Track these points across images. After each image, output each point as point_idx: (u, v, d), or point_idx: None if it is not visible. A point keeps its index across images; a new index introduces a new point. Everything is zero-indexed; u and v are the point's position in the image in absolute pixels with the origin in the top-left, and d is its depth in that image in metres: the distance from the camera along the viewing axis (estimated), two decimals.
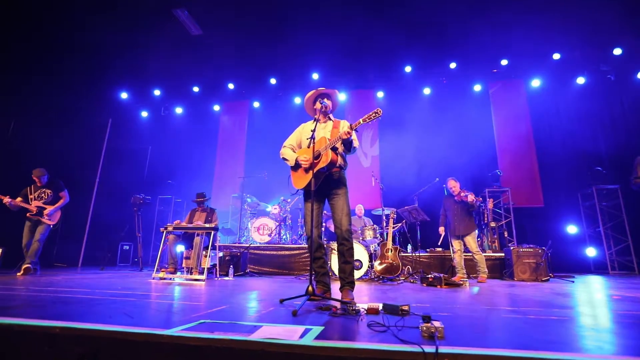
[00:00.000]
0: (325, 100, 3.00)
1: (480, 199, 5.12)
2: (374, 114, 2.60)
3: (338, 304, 2.30)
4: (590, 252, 7.58)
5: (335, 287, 2.99)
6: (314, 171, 2.66)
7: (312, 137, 2.60)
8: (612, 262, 7.32)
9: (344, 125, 2.95)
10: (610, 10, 7.28)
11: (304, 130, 3.18)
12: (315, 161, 2.65)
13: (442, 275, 3.91)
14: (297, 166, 3.00)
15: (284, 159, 3.13)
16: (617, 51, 8.22)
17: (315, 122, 2.78)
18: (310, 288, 2.25)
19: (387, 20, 8.03)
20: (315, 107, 3.10)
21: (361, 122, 2.66)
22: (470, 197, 4.96)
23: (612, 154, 7.94)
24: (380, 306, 2.07)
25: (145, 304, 2.28)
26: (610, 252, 7.40)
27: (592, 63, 8.52)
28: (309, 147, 2.65)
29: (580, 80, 8.60)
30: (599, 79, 8.52)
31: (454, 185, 5.32)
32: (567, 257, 7.40)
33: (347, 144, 2.80)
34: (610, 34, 7.96)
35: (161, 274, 4.37)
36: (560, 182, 8.15)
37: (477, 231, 5.12)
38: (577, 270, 7.17)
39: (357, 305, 2.08)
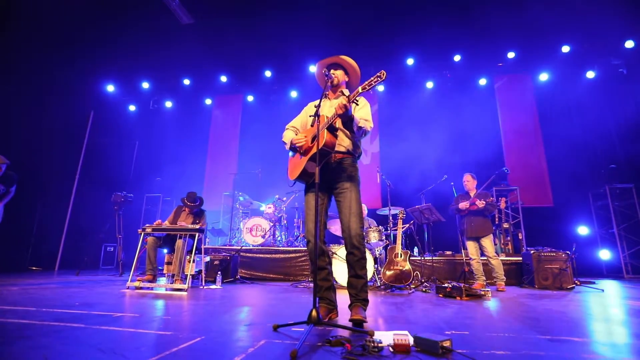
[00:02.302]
0: (332, 71, 2.42)
1: (492, 199, 4.56)
2: (376, 78, 2.06)
3: (350, 335, 1.74)
4: (604, 254, 7.16)
5: (341, 298, 2.45)
6: (314, 156, 2.10)
7: (317, 115, 2.02)
8: (626, 266, 6.90)
9: (358, 102, 2.39)
10: (622, 1, 6.90)
11: (308, 110, 2.61)
12: (311, 144, 2.06)
13: (462, 284, 3.38)
14: (294, 151, 2.44)
15: (283, 142, 2.55)
16: (630, 44, 7.82)
17: (320, 98, 2.19)
18: (314, 313, 1.68)
19: (387, 11, 7.58)
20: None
21: (360, 91, 2.10)
22: (479, 204, 4.47)
23: (626, 151, 7.54)
24: (411, 340, 1.51)
25: (88, 336, 1.67)
26: (624, 255, 6.97)
27: (603, 56, 8.12)
28: (312, 126, 2.07)
29: (591, 74, 8.21)
30: (610, 72, 8.14)
31: (467, 180, 4.81)
32: (578, 260, 6.96)
33: (347, 123, 2.22)
34: (622, 26, 7.58)
35: (137, 283, 3.78)
36: (570, 181, 7.74)
37: (492, 234, 4.60)
38: (589, 274, 6.73)
39: (377, 337, 1.51)
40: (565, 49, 8.10)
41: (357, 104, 2.15)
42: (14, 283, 4.18)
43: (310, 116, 2.05)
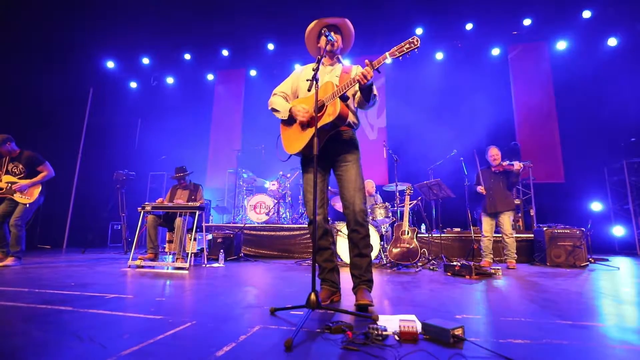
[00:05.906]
0: (333, 34, 2.20)
1: (521, 165, 4.36)
2: (407, 45, 1.81)
3: (352, 320, 1.64)
4: (617, 231, 6.96)
5: (344, 277, 2.33)
6: (322, 128, 1.91)
7: (315, 79, 1.81)
8: None
9: (359, 71, 2.19)
10: None
11: (302, 75, 2.37)
12: (318, 114, 1.87)
13: (471, 263, 3.25)
14: (290, 122, 2.23)
15: (273, 109, 2.33)
16: None
17: (317, 63, 1.98)
18: (312, 297, 1.55)
19: None
20: (319, 44, 2.30)
21: (387, 57, 1.85)
22: (517, 165, 4.27)
23: None
24: (419, 327, 1.39)
25: (72, 321, 1.54)
26: (639, 231, 6.77)
27: (627, 22, 7.57)
28: (309, 91, 1.86)
29: (612, 41, 7.71)
30: (634, 40, 7.61)
31: (495, 153, 4.59)
32: (591, 237, 6.79)
33: (366, 91, 2.01)
34: None
35: (138, 262, 3.73)
36: (583, 156, 7.44)
37: (513, 211, 4.43)
38: (601, 251, 6.55)
39: (382, 325, 1.37)
40: (587, 14, 7.59)
41: (379, 72, 1.94)
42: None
43: (307, 80, 1.84)
